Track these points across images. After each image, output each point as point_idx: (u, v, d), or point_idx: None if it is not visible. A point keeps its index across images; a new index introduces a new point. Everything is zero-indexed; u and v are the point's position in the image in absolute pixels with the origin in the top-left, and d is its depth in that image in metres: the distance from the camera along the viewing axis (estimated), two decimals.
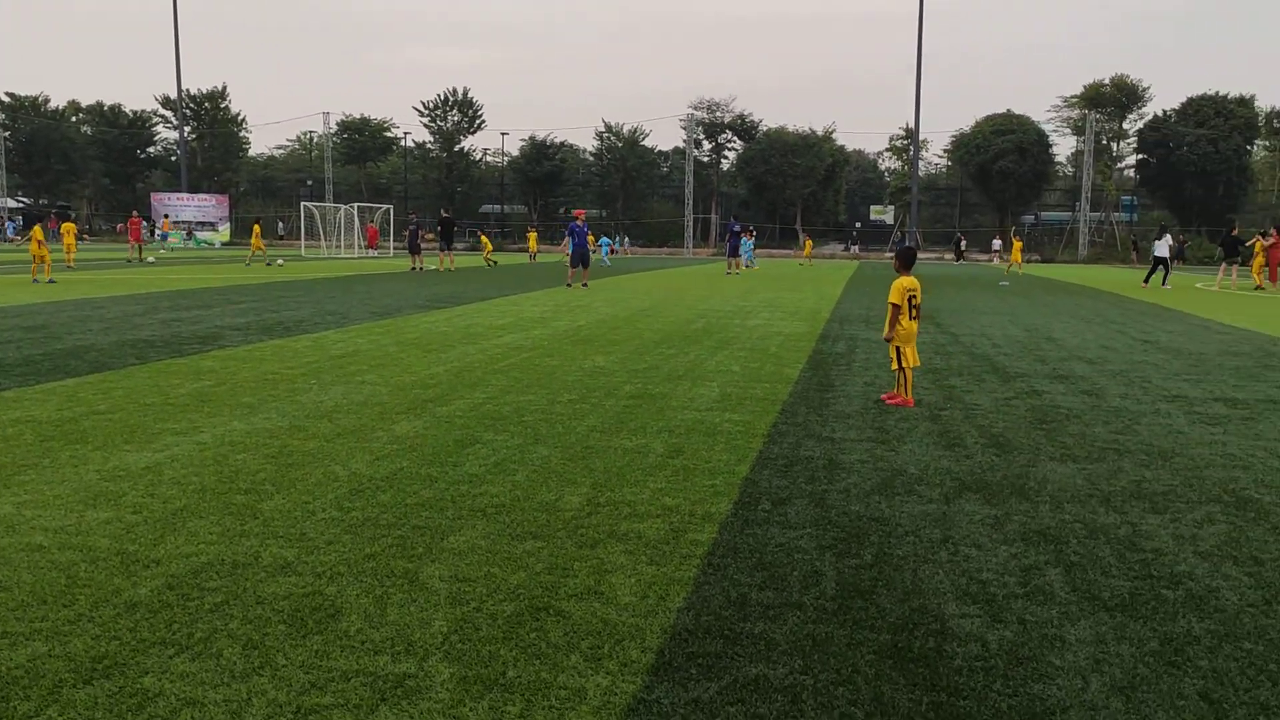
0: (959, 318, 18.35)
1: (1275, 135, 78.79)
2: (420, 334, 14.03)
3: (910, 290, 8.86)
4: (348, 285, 25.79)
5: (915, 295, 8.89)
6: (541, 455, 6.72)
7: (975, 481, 6.20)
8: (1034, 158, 77.40)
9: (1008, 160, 76.31)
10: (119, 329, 14.04)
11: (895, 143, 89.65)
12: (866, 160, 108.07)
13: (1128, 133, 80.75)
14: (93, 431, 7.23)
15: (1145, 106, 79.24)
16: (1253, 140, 77.04)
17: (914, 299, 8.87)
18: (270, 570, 4.44)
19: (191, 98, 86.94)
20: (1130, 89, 78.50)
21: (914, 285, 8.91)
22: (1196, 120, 74.04)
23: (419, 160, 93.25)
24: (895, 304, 8.80)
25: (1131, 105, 79.18)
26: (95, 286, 23.59)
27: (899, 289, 8.84)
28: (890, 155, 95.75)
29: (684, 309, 19.32)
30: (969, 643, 3.78)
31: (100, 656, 3.55)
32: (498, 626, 3.87)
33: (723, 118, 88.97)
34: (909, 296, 8.84)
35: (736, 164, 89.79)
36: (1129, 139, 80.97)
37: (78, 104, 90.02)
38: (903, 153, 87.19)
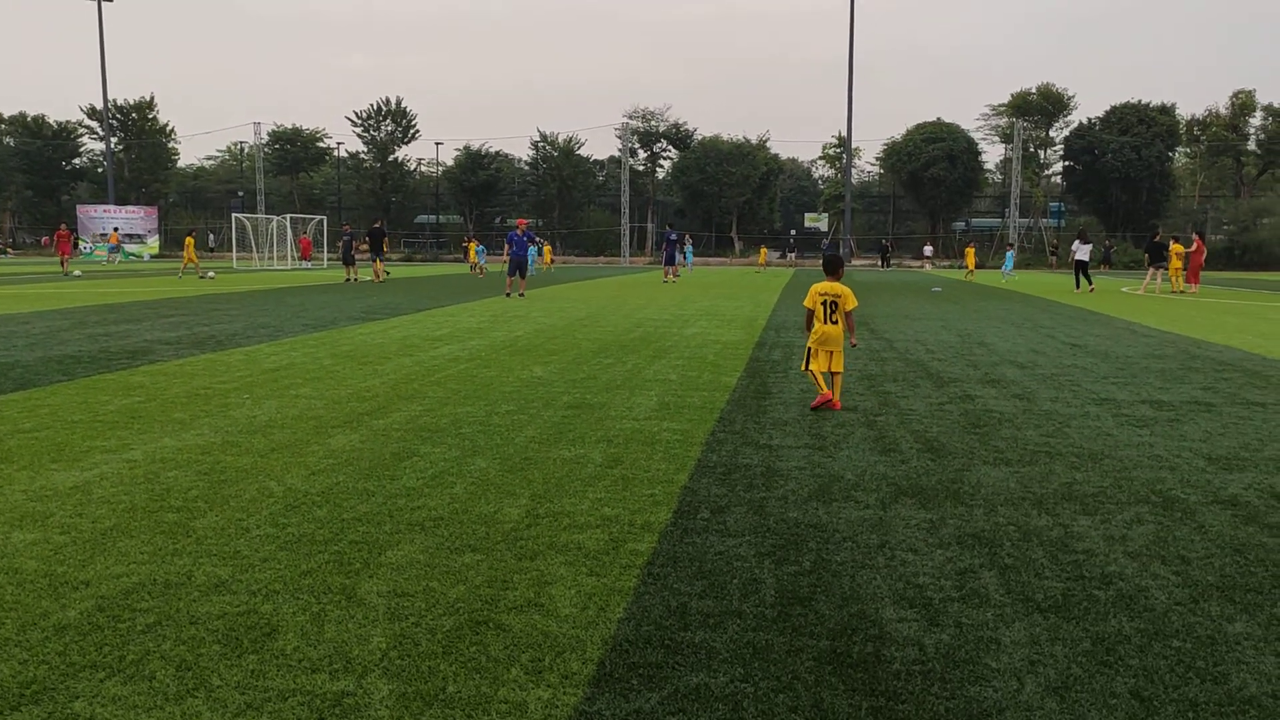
0: (893, 324, 18.63)
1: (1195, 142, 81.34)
2: (355, 346, 13.87)
3: (826, 294, 9.03)
4: (281, 297, 25.38)
5: (837, 301, 9.00)
6: (480, 467, 6.68)
7: (911, 486, 6.30)
8: (964, 165, 78.98)
9: (938, 168, 77.77)
10: (45, 344, 13.65)
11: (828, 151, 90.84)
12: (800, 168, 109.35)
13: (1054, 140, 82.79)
14: (18, 451, 7.01)
15: (1071, 114, 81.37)
16: (1174, 147, 79.47)
17: (834, 304, 8.99)
18: (204, 589, 4.35)
19: (118, 108, 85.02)
20: (1056, 97, 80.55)
21: (832, 290, 9.05)
22: (1120, 128, 76.19)
23: (353, 170, 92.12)
24: (809, 308, 9.10)
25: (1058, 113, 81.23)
26: (20, 301, 22.92)
27: (813, 293, 9.10)
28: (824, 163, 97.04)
29: (621, 318, 19.35)
30: (907, 647, 3.84)
31: (28, 681, 3.45)
32: (437, 641, 3.83)
33: (658, 127, 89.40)
34: (824, 301, 9.02)
35: (672, 173, 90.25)
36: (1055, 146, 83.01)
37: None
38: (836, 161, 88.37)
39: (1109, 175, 75.19)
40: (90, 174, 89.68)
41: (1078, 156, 78.78)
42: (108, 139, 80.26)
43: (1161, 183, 77.10)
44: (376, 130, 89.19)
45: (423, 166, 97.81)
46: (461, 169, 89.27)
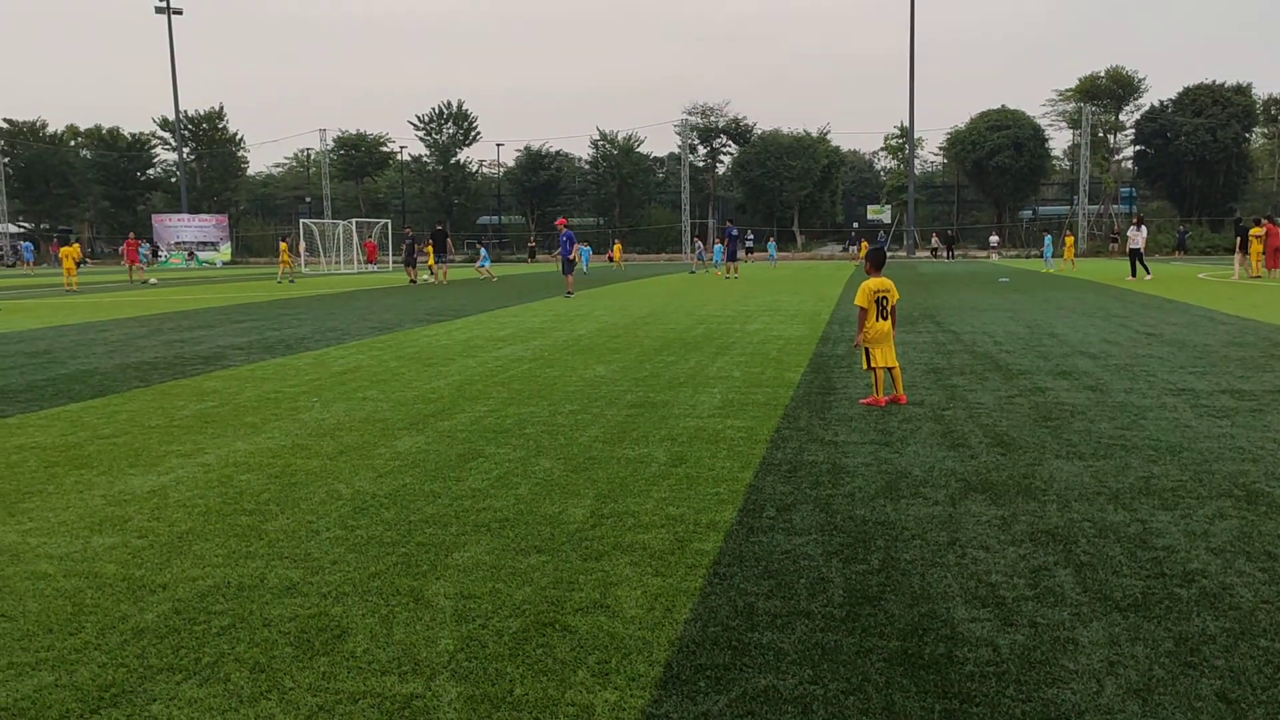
0: (960, 316, 18.32)
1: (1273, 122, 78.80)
2: (421, 348, 14.03)
3: (879, 291, 8.90)
4: (347, 301, 25.81)
5: (887, 296, 8.92)
6: (544, 467, 6.70)
7: (981, 482, 6.17)
8: (1030, 152, 77.47)
9: (1003, 156, 76.38)
10: (122, 352, 14.04)
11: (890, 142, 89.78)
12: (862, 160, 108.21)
13: (1124, 124, 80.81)
14: (97, 456, 7.22)
15: (1141, 98, 79.38)
16: (1251, 128, 77.06)
17: (885, 300, 8.90)
18: (276, 592, 4.42)
19: (189, 119, 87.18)
20: (1126, 80, 78.58)
21: (883, 286, 8.93)
22: (1194, 110, 74.08)
23: (415, 174, 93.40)
24: (862, 307, 8.85)
25: (1128, 97, 79.26)
26: (98, 310, 23.62)
27: (865, 291, 8.89)
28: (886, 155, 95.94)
29: (683, 315, 19.30)
30: (980, 647, 3.75)
31: (108, 685, 3.53)
32: (504, 643, 3.85)
33: (717, 122, 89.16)
34: (878, 298, 8.87)
35: (732, 168, 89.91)
36: (1126, 131, 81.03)
37: (76, 128, 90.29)
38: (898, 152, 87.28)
39: (1183, 159, 73.18)
40: (164, 184, 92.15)
41: (1149, 140, 76.81)
42: (180, 149, 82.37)
43: (1238, 165, 74.85)
44: (438, 133, 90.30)
45: (484, 168, 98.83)
46: (522, 169, 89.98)
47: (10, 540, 5.21)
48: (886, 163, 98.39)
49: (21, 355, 13.75)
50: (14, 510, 5.80)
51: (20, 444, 7.69)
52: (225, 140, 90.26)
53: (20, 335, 16.90)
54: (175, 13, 74.14)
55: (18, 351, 14.24)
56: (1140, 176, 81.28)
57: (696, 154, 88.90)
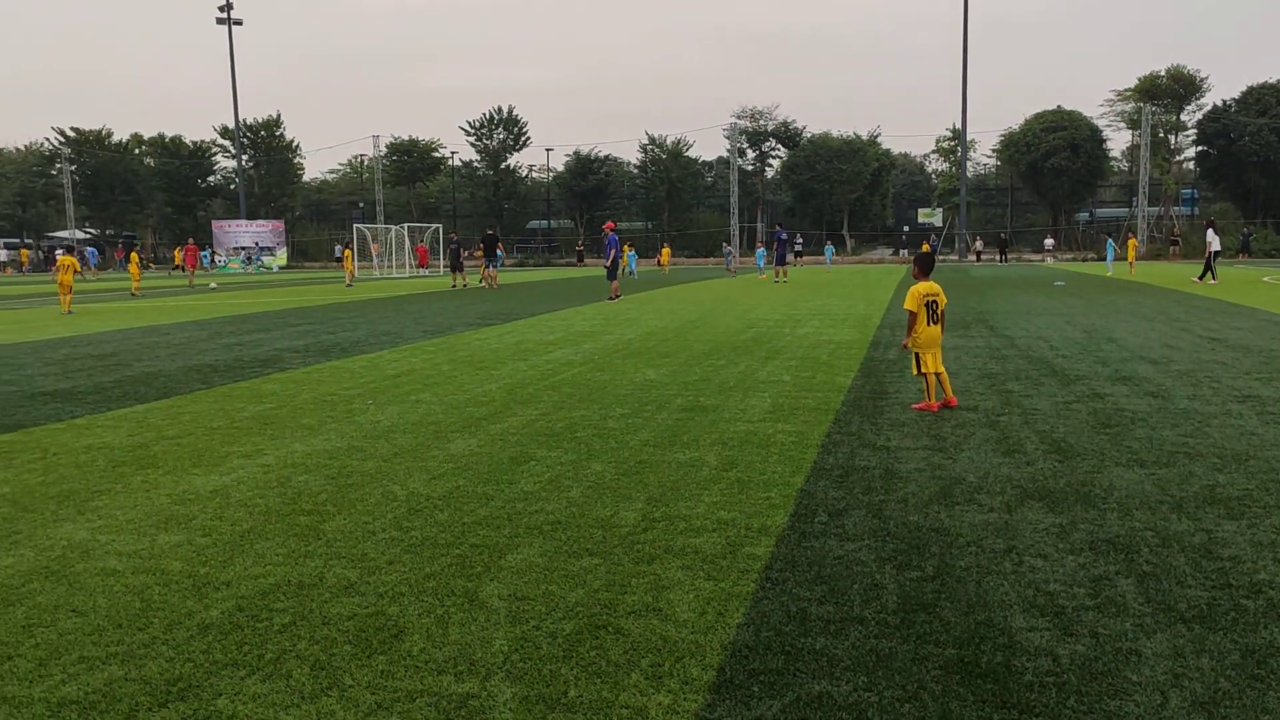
0: (1014, 320, 18.07)
1: None
2: (472, 351, 14.16)
3: (928, 295, 8.89)
4: (400, 305, 26.12)
5: (936, 300, 8.93)
6: (595, 471, 6.74)
7: (1038, 489, 6.09)
8: (1087, 154, 76.12)
9: (1059, 158, 75.15)
10: (185, 354, 14.35)
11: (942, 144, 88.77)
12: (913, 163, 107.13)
13: (1186, 125, 79.05)
14: (162, 456, 7.39)
15: (1204, 97, 77.54)
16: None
17: (935, 304, 8.90)
18: (335, 591, 4.50)
19: (248, 127, 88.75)
20: (1187, 80, 76.90)
21: (932, 290, 8.94)
22: (1258, 109, 72.29)
23: (466, 179, 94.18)
24: (912, 311, 8.85)
25: (1189, 96, 77.54)
26: (161, 313, 24.15)
27: (915, 295, 8.89)
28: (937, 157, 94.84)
29: (733, 319, 19.27)
30: (1039, 657, 3.71)
31: (175, 679, 3.62)
32: (558, 645, 3.88)
33: (766, 126, 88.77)
34: (927, 301, 8.86)
35: (781, 171, 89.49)
36: (1187, 131, 79.27)
37: (140, 136, 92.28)
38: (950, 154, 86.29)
39: (1246, 159, 71.43)
40: (223, 190, 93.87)
41: (1212, 141, 75.07)
42: (239, 157, 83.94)
43: None
44: (489, 139, 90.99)
45: (534, 173, 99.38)
46: (572, 174, 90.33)
47: (81, 537, 5.36)
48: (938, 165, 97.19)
49: (90, 358, 14.11)
50: (84, 508, 5.96)
51: (89, 444, 7.90)
52: (282, 147, 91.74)
53: (88, 338, 17.34)
54: (235, 23, 75.64)
55: (86, 354, 14.62)
56: (1202, 178, 79.49)
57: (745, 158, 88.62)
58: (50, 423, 8.89)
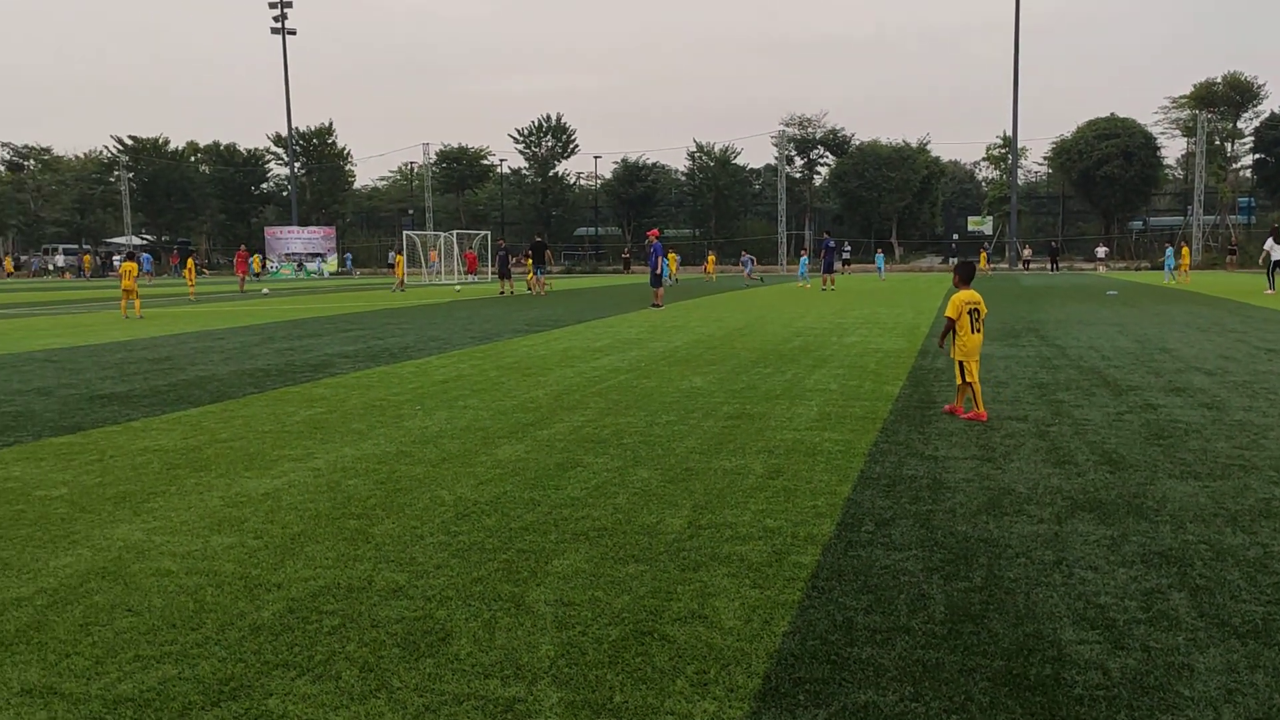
0: (1065, 329, 17.82)
1: None
2: (519, 358, 14.26)
3: (970, 303, 8.91)
4: (449, 311, 26.36)
5: (978, 309, 8.96)
6: (642, 477, 6.75)
7: (1088, 500, 6.00)
8: (1141, 161, 74.88)
9: (1112, 165, 73.99)
10: (237, 359, 14.61)
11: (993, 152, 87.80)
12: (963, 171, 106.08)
13: (1243, 132, 77.47)
14: (215, 459, 7.53)
15: (1261, 104, 75.98)
16: None
17: (977, 312, 8.93)
18: (383, 594, 4.56)
19: (301, 135, 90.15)
20: (1244, 87, 75.37)
21: (973, 298, 8.96)
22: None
23: (515, 186, 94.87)
24: (951, 318, 8.91)
25: (1246, 103, 76.00)
26: (215, 318, 24.60)
27: (956, 303, 8.92)
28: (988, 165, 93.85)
29: (780, 327, 19.20)
30: (1089, 670, 3.66)
31: (227, 679, 3.69)
32: (603, 650, 3.90)
33: (814, 133, 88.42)
34: (969, 310, 8.88)
35: (829, 179, 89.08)
36: (1244, 139, 77.67)
37: (196, 144, 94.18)
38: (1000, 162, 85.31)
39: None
40: (276, 197, 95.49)
41: (1270, 149, 73.50)
42: (292, 164, 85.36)
43: None
44: (537, 146, 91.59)
45: (582, 180, 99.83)
46: (619, 181, 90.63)
47: (137, 538, 5.49)
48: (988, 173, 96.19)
49: (146, 361, 14.41)
50: (139, 510, 6.10)
51: (145, 446, 8.07)
52: (334, 155, 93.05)
53: (144, 343, 17.71)
54: (290, 32, 76.97)
55: (141, 358, 14.94)
56: (1260, 185, 77.80)
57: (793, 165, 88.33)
58: (107, 425, 9.10)
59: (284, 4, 75.94)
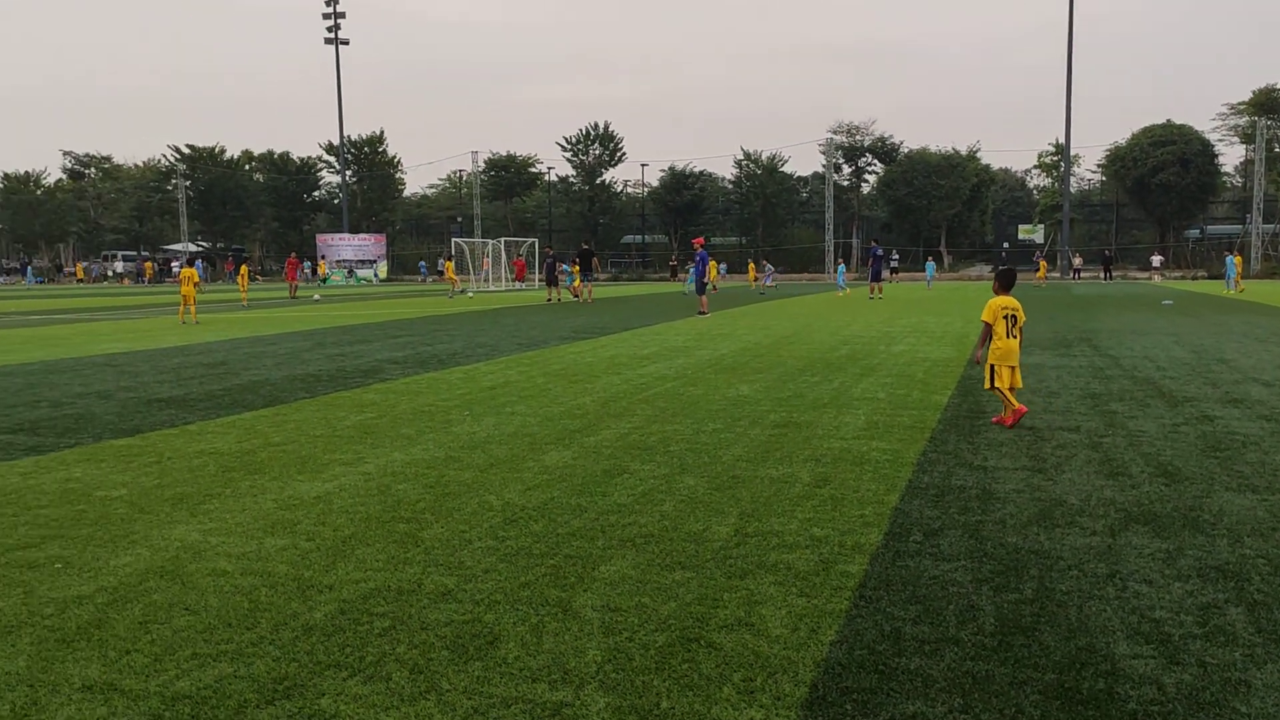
0: (1118, 339, 17.53)
1: None
2: (566, 365, 14.33)
3: (1007, 309, 8.91)
4: (496, 318, 26.56)
5: (1016, 314, 8.95)
6: (688, 485, 6.76)
7: (1143, 513, 5.91)
8: (1198, 169, 73.53)
9: (1168, 173, 72.73)
10: (289, 364, 14.84)
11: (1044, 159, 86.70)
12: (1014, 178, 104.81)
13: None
14: (269, 462, 7.67)
15: None
16: None
17: (1015, 318, 8.92)
18: (433, 597, 4.61)
19: (352, 143, 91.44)
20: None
21: (1011, 304, 8.96)
22: None
23: (562, 194, 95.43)
24: (988, 323, 8.91)
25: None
26: (268, 324, 25.01)
27: (993, 308, 8.93)
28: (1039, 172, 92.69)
29: (827, 335, 19.10)
30: (1143, 685, 3.61)
31: (281, 678, 3.76)
32: (650, 657, 3.91)
33: (862, 141, 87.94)
34: (1005, 314, 8.88)
35: (877, 187, 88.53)
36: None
37: (251, 153, 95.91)
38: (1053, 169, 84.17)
39: None
40: (328, 205, 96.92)
41: None
42: (343, 172, 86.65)
43: None
44: (585, 154, 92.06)
45: (629, 188, 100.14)
46: (666, 189, 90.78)
47: (194, 539, 5.60)
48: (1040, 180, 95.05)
49: (201, 366, 14.70)
50: (196, 511, 6.22)
51: (201, 449, 8.23)
52: (384, 163, 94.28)
53: (199, 348, 18.06)
54: (343, 43, 78.18)
55: (197, 363, 15.23)
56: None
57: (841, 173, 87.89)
58: (165, 428, 9.29)
59: (337, 15, 77.16)
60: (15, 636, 4.19)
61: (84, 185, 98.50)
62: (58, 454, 8.11)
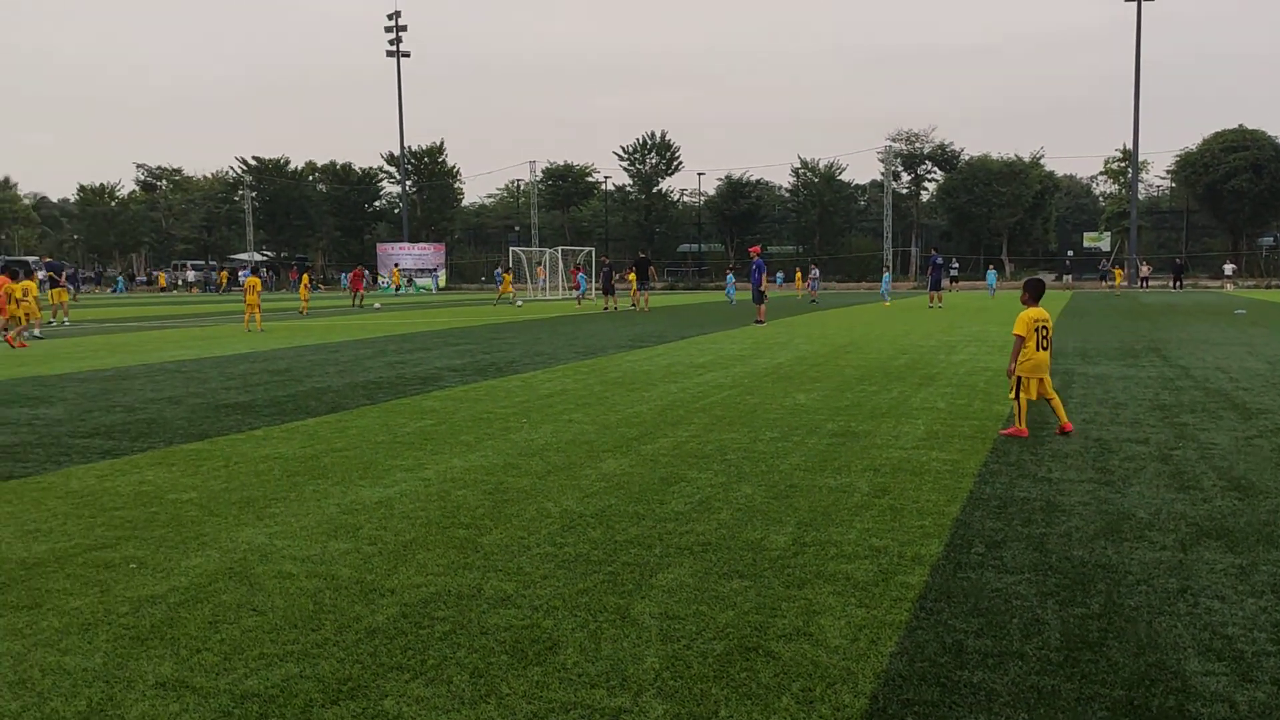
0: (1189, 350, 17.12)
1: None
2: (623, 373, 14.37)
3: (1038, 321, 8.84)
4: (554, 326, 26.72)
5: (1047, 326, 8.88)
6: (745, 494, 6.74)
7: (1215, 527, 5.76)
8: (1272, 175, 71.56)
9: (1241, 179, 70.90)
10: (351, 371, 15.09)
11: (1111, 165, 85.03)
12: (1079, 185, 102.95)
13: None
14: (332, 468, 7.80)
15: None
16: None
17: (1046, 330, 8.85)
18: (492, 602, 4.66)
19: (412, 154, 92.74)
20: None
21: (1041, 316, 8.89)
22: None
23: (619, 203, 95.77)
24: (1020, 335, 8.81)
25: None
26: (330, 332, 25.44)
27: (1025, 321, 8.83)
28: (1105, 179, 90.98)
29: (885, 344, 18.92)
30: (1215, 703, 3.52)
31: (345, 679, 3.82)
32: (708, 665, 3.91)
33: (922, 148, 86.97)
34: (1037, 327, 8.80)
35: (937, 195, 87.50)
36: None
37: (314, 164, 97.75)
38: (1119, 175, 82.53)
39: None
40: (388, 215, 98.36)
41: None
42: (404, 182, 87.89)
43: None
44: (641, 163, 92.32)
45: (685, 197, 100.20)
46: (723, 198, 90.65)
47: (260, 542, 5.72)
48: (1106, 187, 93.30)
49: (266, 373, 15.00)
50: (262, 514, 6.35)
51: (267, 454, 8.40)
52: (444, 173, 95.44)
53: (264, 355, 18.44)
54: (404, 55, 79.38)
55: (262, 370, 15.55)
56: None
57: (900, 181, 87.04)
58: (232, 433, 9.50)
59: (399, 28, 78.40)
60: (92, 634, 4.31)
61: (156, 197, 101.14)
62: (131, 457, 8.33)
